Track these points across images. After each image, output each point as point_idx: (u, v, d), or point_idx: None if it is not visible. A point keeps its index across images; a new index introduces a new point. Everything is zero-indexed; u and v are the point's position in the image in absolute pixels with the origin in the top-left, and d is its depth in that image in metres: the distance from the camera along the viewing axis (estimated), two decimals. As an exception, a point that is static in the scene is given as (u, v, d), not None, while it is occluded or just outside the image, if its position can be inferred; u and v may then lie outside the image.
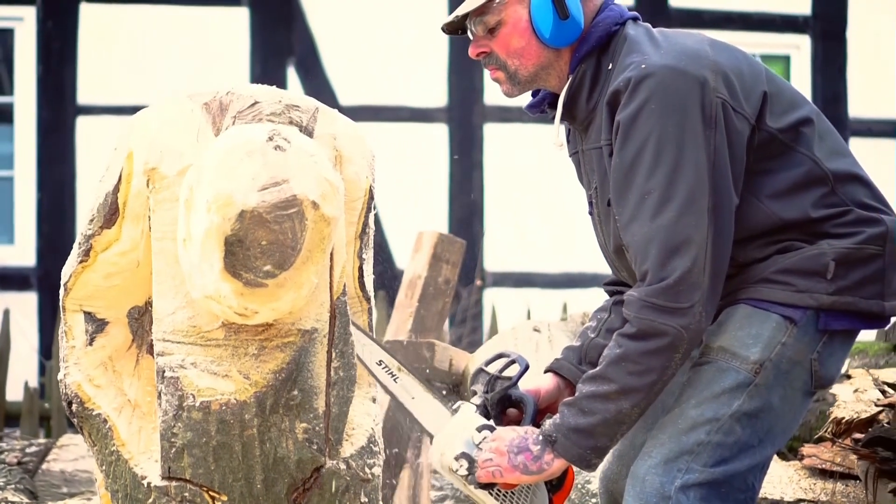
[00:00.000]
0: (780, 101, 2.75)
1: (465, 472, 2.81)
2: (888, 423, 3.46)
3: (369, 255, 2.99)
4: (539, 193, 9.18)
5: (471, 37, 2.85)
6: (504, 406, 2.90)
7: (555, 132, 2.87)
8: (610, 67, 2.76)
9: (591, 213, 2.91)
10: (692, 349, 2.69)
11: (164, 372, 2.73)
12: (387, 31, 9.51)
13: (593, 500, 3.87)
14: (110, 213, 2.80)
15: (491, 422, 2.85)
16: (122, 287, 2.85)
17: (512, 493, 2.85)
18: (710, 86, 2.66)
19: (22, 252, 9.26)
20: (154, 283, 2.77)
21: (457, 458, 2.81)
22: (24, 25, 9.32)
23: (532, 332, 3.98)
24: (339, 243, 2.83)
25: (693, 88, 2.65)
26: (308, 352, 2.76)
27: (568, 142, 2.95)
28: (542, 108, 2.92)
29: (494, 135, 9.59)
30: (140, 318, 2.89)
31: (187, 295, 2.72)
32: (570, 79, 2.81)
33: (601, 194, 2.82)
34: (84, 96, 9.26)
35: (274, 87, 2.86)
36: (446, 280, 4.92)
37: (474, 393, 2.90)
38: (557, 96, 2.84)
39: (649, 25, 2.81)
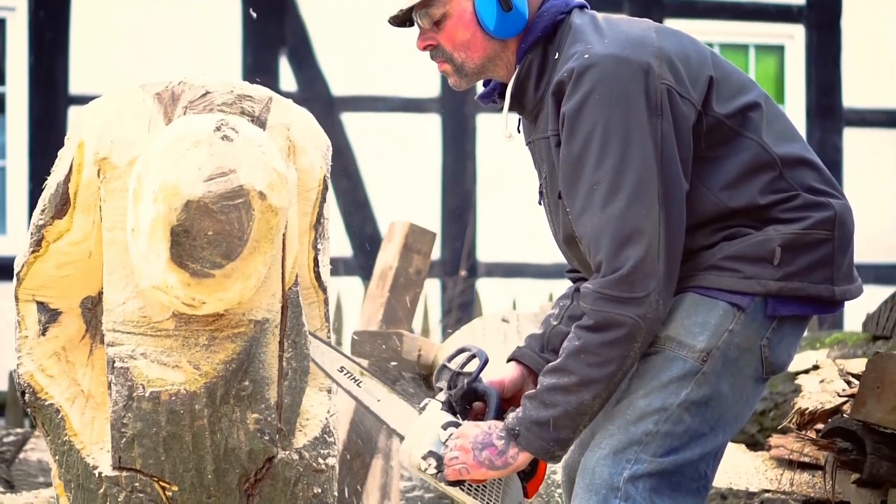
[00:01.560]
0: (727, 86, 2.74)
1: (434, 471, 2.80)
2: (847, 413, 3.46)
3: (325, 246, 2.98)
4: (531, 184, 9.14)
5: (418, 29, 2.85)
6: (470, 400, 2.89)
7: (503, 123, 2.86)
8: (556, 57, 2.75)
9: (540, 203, 2.91)
10: (651, 338, 2.68)
11: (114, 362, 2.73)
12: (379, 22, 9.46)
13: (560, 491, 3.87)
14: (61, 204, 2.80)
15: (457, 418, 2.85)
16: (75, 277, 2.86)
17: (483, 486, 2.85)
18: (655, 72, 2.65)
19: (14, 242, 9.25)
20: (105, 273, 2.77)
21: (424, 458, 2.80)
22: (16, 15, 9.32)
23: (500, 323, 3.98)
24: (292, 233, 2.82)
25: (637, 76, 2.64)
26: (259, 342, 2.76)
27: (520, 132, 2.95)
28: (493, 98, 2.91)
29: (487, 125, 9.58)
30: (93, 309, 2.89)
31: (138, 285, 2.72)
32: (517, 69, 2.80)
33: (550, 185, 2.81)
34: (76, 87, 9.26)
35: (228, 76, 2.85)
36: (417, 270, 4.90)
37: (440, 389, 2.90)
38: (507, 86, 2.83)
39: (595, 13, 2.80)
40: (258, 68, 9.30)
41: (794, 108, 10.00)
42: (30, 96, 9.26)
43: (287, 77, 9.38)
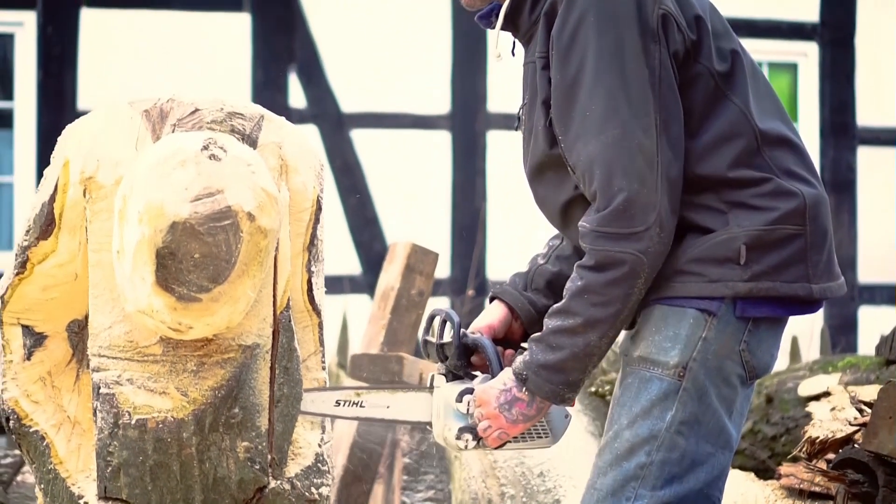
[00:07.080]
0: (720, 42, 2.61)
1: (475, 444, 2.71)
2: (859, 444, 3.35)
3: (319, 268, 2.89)
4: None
5: None
6: (467, 359, 2.78)
7: (494, 42, 2.72)
8: None
9: (517, 129, 2.78)
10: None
11: (99, 388, 2.64)
12: (389, 38, 9.44)
13: (541, 495, 3.77)
14: (46, 224, 2.72)
15: (466, 381, 2.75)
16: (61, 300, 2.77)
17: (529, 430, 2.75)
18: None
19: (20, 258, 9.19)
20: (90, 296, 2.68)
21: (458, 437, 2.70)
22: (25, 30, 9.28)
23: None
24: (284, 255, 2.74)
25: None
26: (250, 368, 2.67)
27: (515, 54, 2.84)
28: (490, 20, 2.76)
29: (497, 142, 9.50)
30: (80, 332, 2.81)
31: (124, 309, 2.63)
32: None
33: (529, 111, 2.68)
34: (84, 101, 9.20)
35: (218, 95, 2.78)
36: (420, 292, 4.81)
37: (435, 362, 2.80)
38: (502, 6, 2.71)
39: None
40: (267, 84, 9.24)
41: (808, 127, 9.91)
42: (38, 112, 9.21)
43: (296, 93, 9.32)
